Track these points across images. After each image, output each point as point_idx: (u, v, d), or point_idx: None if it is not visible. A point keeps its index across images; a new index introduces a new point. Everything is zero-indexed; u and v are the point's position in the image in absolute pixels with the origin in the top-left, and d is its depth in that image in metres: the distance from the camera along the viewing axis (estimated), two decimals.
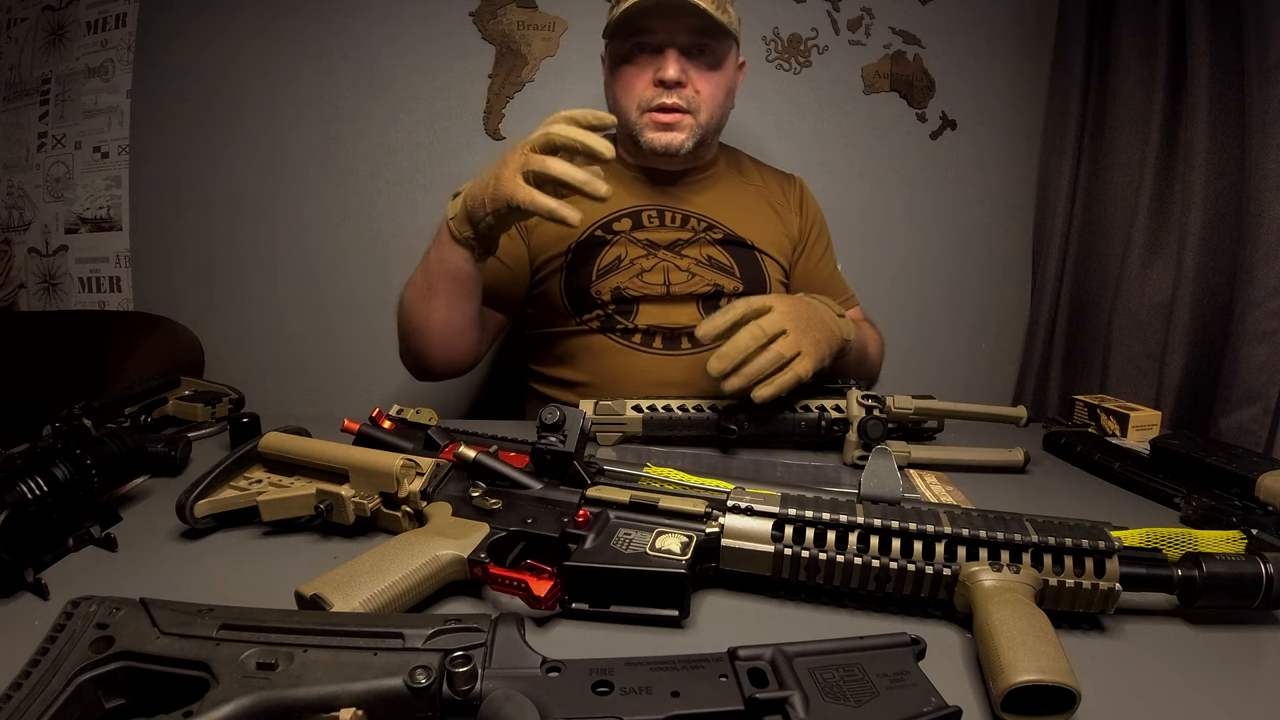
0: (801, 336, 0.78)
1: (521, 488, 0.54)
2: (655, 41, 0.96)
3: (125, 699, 0.34)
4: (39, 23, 1.57)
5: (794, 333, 0.78)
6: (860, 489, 0.52)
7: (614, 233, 1.02)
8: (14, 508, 0.46)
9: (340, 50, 1.47)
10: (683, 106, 0.97)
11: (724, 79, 1.01)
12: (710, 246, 1.03)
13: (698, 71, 0.98)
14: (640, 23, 0.95)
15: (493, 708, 0.31)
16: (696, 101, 0.98)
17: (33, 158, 1.59)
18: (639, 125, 0.99)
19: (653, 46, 0.97)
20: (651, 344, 1.00)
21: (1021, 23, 1.49)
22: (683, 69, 0.96)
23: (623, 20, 0.95)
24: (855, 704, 0.32)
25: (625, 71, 0.99)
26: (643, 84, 0.98)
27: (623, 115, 1.01)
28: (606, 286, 1.00)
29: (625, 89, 1.00)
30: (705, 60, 0.98)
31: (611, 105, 1.04)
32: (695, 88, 0.98)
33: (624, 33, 0.97)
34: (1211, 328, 1.15)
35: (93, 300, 1.59)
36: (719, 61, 0.99)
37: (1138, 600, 0.49)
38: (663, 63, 0.96)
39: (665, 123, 0.98)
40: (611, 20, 0.97)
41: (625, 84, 1.00)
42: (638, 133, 0.99)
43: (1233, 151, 1.12)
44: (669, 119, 0.98)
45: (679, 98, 0.97)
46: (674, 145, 0.99)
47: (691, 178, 1.07)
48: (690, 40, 0.96)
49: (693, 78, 0.98)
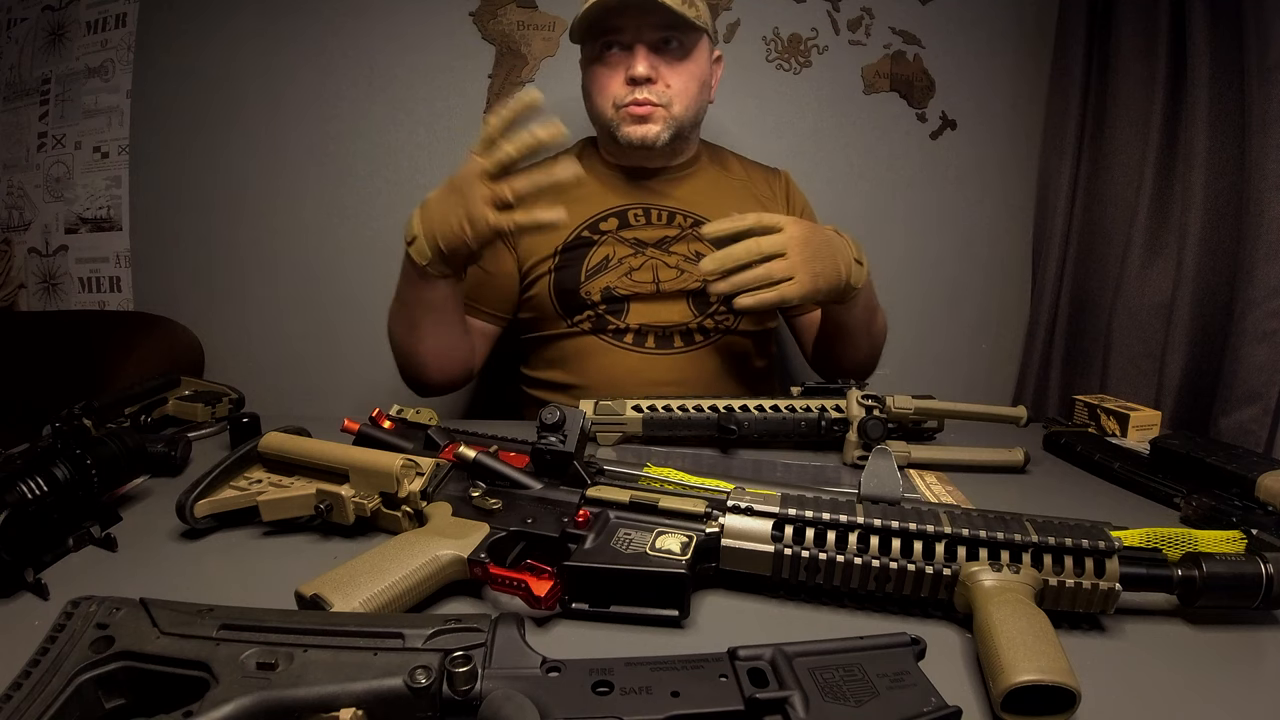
0: (800, 264, 0.80)
1: (521, 488, 0.54)
2: (624, 40, 0.98)
3: (125, 699, 0.34)
4: (39, 23, 1.57)
5: (793, 257, 0.79)
6: (860, 489, 0.52)
7: (600, 233, 1.02)
8: (14, 508, 0.46)
9: (340, 50, 1.47)
10: (654, 101, 0.98)
11: (696, 70, 1.01)
12: (697, 242, 1.03)
13: (668, 65, 0.99)
14: (608, 22, 0.97)
15: (493, 708, 0.31)
16: (668, 95, 0.99)
17: (33, 158, 1.59)
18: (615, 121, 1.00)
19: (622, 44, 0.98)
20: (644, 343, 1.00)
21: (1021, 23, 1.48)
22: (652, 65, 0.97)
23: (589, 21, 0.97)
24: (855, 704, 0.32)
25: (598, 72, 1.01)
26: (615, 82, 0.99)
27: (599, 114, 1.02)
28: (596, 286, 1.00)
29: (599, 89, 1.01)
30: (675, 53, 0.99)
31: (588, 105, 1.05)
32: (666, 82, 0.99)
33: (593, 33, 0.99)
34: (1211, 328, 1.15)
35: (93, 300, 1.59)
36: (687, 53, 1.00)
37: (1138, 600, 0.49)
38: (632, 60, 0.97)
39: (639, 115, 0.99)
40: (577, 21, 0.99)
41: (599, 84, 1.01)
42: (614, 129, 1.00)
43: (1233, 151, 1.12)
44: (643, 111, 0.99)
45: (650, 93, 0.98)
46: (649, 137, 0.99)
47: (674, 174, 1.08)
48: (658, 35, 0.97)
49: (663, 73, 0.99)
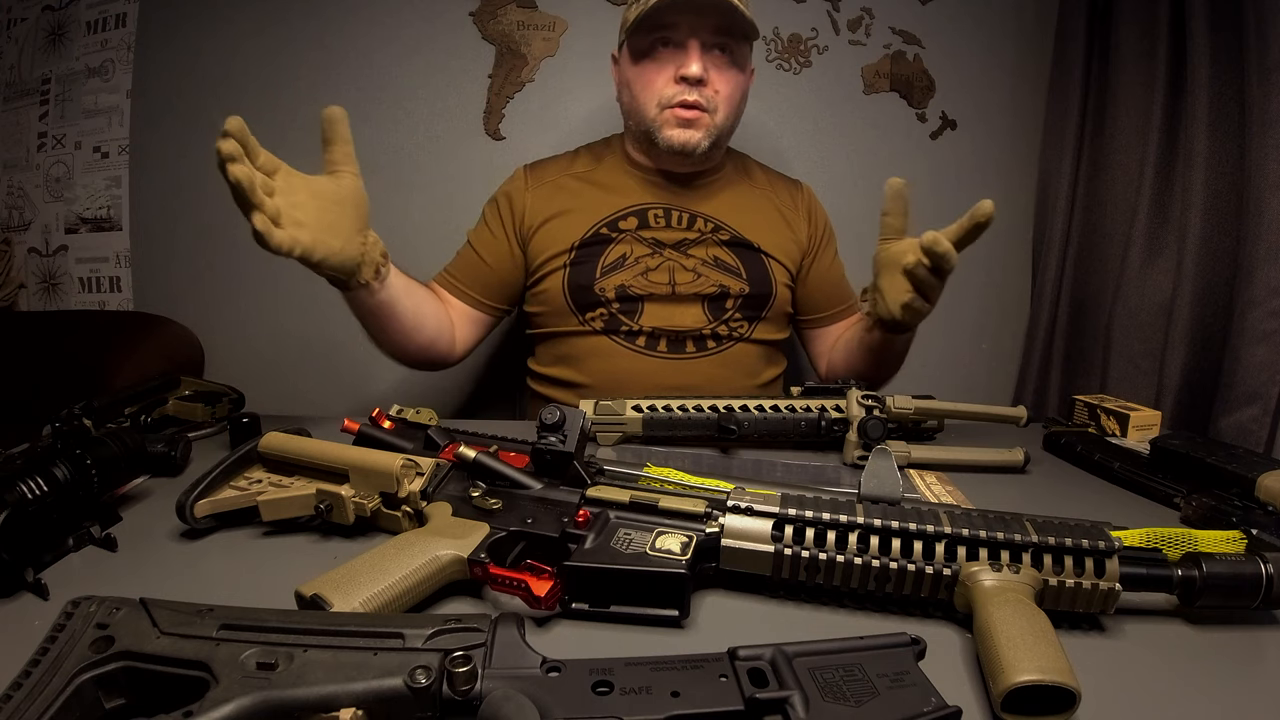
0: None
1: (521, 488, 0.54)
2: (678, 37, 0.95)
3: (125, 699, 0.34)
4: (39, 23, 1.57)
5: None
6: (860, 489, 0.52)
7: (619, 230, 1.01)
8: (14, 508, 0.46)
9: (340, 50, 1.47)
10: (703, 105, 0.96)
11: (741, 80, 1.00)
12: (717, 247, 1.03)
13: (718, 70, 0.96)
14: (665, 18, 0.93)
15: (493, 708, 0.31)
16: (715, 101, 0.97)
17: (33, 158, 1.59)
18: (658, 122, 0.97)
19: (675, 42, 0.95)
20: (656, 347, 1.00)
21: (1021, 23, 1.49)
22: (705, 66, 0.95)
23: (648, 14, 0.93)
24: (855, 704, 0.32)
25: (646, 67, 0.97)
26: (664, 80, 0.96)
27: (640, 112, 0.99)
28: (611, 284, 0.99)
29: (645, 85, 0.97)
30: (726, 59, 0.97)
31: (627, 102, 1.02)
32: (715, 87, 0.97)
33: (646, 27, 0.95)
34: (1211, 328, 1.15)
35: (93, 300, 1.59)
36: (738, 62, 0.98)
37: (1138, 600, 0.49)
38: (686, 59, 0.94)
39: (686, 119, 0.96)
40: (637, 15, 0.95)
41: (646, 80, 0.97)
42: (655, 129, 0.97)
43: (1233, 151, 1.12)
44: (690, 115, 0.96)
45: (700, 95, 0.95)
46: (691, 144, 0.97)
47: (699, 180, 1.06)
48: (713, 39, 0.95)
49: (713, 76, 0.96)
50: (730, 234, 1.04)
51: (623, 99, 1.04)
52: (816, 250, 1.12)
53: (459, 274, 1.05)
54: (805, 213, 1.12)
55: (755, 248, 1.04)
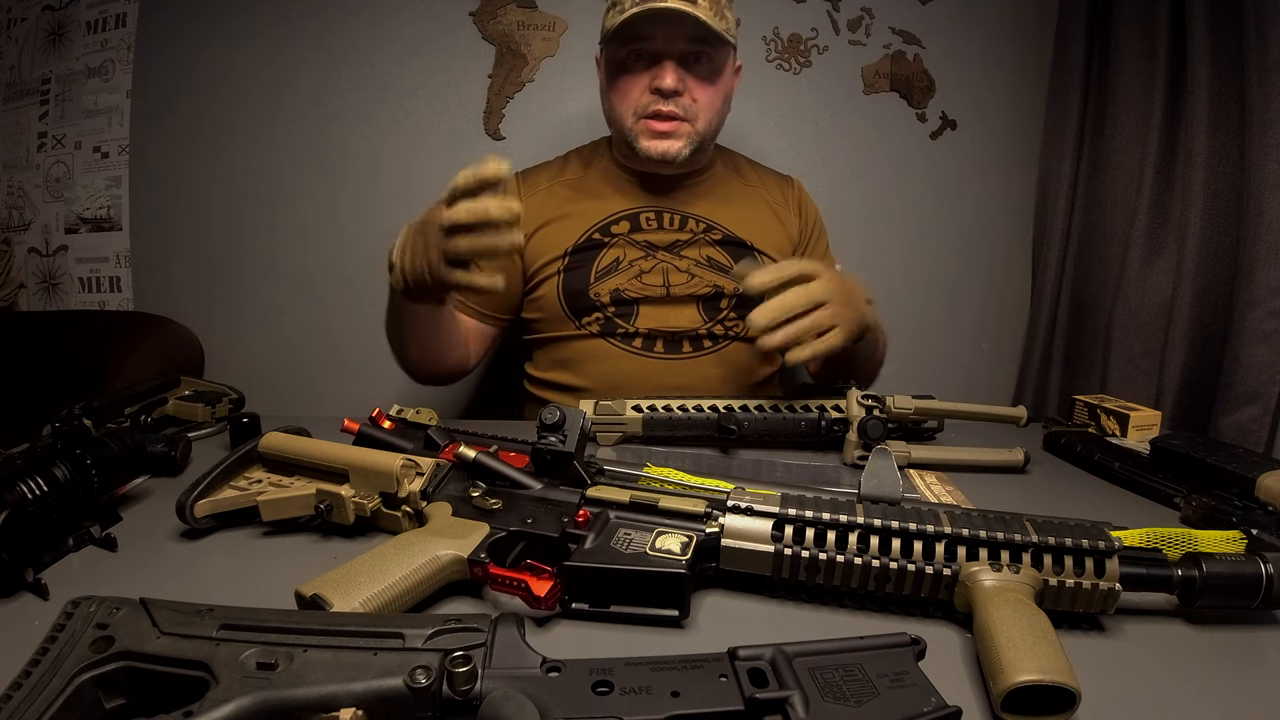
0: (840, 312, 0.79)
1: (521, 488, 0.54)
2: (653, 49, 0.95)
3: (125, 699, 0.34)
4: (39, 23, 1.57)
5: (834, 305, 0.79)
6: (860, 489, 0.52)
7: (612, 235, 1.02)
8: (14, 508, 0.46)
9: (340, 50, 1.47)
10: (679, 114, 0.96)
11: (721, 86, 1.00)
12: (710, 247, 1.03)
13: (695, 80, 0.97)
14: (638, 30, 0.94)
15: (493, 708, 0.31)
16: (694, 110, 0.97)
17: (33, 158, 1.59)
18: (634, 131, 0.98)
19: (650, 54, 0.96)
20: (652, 348, 1.00)
21: (1021, 23, 1.49)
22: (680, 78, 0.95)
23: (620, 27, 0.94)
24: (855, 704, 0.32)
25: (621, 79, 0.98)
26: (639, 90, 0.97)
27: (618, 121, 1.00)
28: (605, 288, 0.99)
29: (621, 95, 0.99)
30: (703, 68, 0.97)
31: (607, 110, 1.04)
32: (692, 96, 0.97)
33: (621, 38, 0.96)
34: (1211, 328, 1.15)
35: (93, 300, 1.59)
36: (716, 70, 0.98)
37: (1138, 600, 0.49)
38: (660, 71, 0.95)
39: (661, 130, 0.97)
40: (609, 27, 0.96)
41: (621, 91, 0.99)
42: (633, 139, 0.98)
43: (1233, 151, 1.12)
44: (665, 127, 0.97)
45: (676, 106, 0.96)
46: (670, 153, 0.98)
47: (689, 181, 1.07)
48: (688, 48, 0.95)
49: (690, 86, 0.97)
50: (723, 233, 1.04)
51: (604, 105, 1.05)
52: (808, 244, 1.12)
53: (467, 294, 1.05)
54: (796, 207, 1.13)
55: (748, 246, 1.05)
